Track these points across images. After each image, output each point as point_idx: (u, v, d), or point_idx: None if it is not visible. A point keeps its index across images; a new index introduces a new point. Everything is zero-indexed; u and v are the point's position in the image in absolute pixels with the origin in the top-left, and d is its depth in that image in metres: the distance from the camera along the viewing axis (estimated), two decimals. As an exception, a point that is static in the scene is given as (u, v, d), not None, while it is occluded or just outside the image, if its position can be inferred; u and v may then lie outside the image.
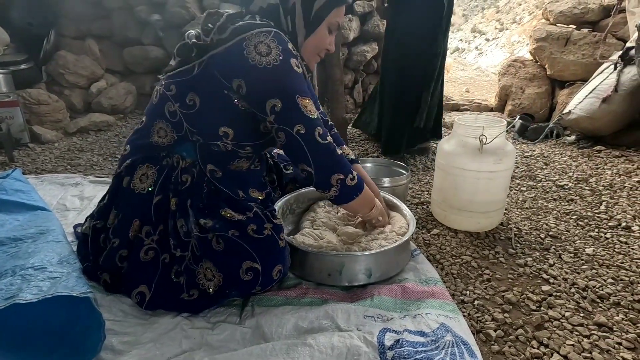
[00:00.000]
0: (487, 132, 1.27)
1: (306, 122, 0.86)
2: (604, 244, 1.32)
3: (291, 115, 0.85)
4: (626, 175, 1.91)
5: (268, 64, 0.82)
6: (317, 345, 0.80)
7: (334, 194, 0.93)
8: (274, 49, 0.83)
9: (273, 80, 0.84)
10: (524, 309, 1.02)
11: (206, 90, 0.89)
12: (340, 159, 0.92)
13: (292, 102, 0.84)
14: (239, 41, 0.84)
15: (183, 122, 0.93)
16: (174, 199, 0.94)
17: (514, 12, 17.37)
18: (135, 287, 0.92)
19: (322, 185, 0.92)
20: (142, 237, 0.94)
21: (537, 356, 0.86)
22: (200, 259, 0.90)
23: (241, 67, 0.84)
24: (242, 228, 0.91)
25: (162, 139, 0.97)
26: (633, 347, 0.89)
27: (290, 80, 0.85)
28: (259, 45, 0.83)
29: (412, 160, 2.26)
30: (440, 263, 1.22)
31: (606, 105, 2.28)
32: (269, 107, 0.84)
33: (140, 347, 0.83)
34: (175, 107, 0.93)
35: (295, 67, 0.86)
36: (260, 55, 0.82)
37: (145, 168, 0.97)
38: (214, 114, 0.91)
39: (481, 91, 5.68)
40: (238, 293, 0.92)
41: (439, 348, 0.82)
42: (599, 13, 2.91)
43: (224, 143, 0.93)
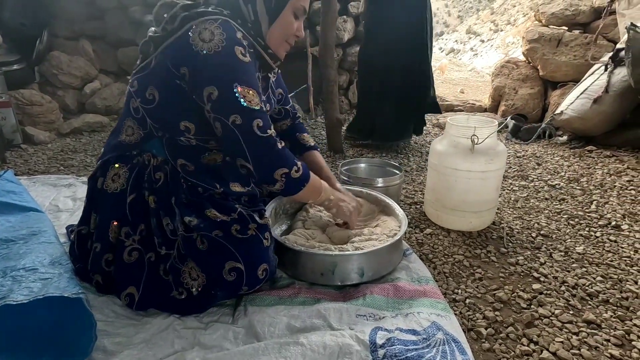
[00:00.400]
0: (479, 133, 1.28)
1: (243, 113, 0.82)
2: (594, 243, 1.34)
3: (227, 105, 0.82)
4: (616, 175, 1.93)
5: (209, 50, 0.81)
6: (309, 344, 0.80)
7: (279, 187, 0.91)
8: (217, 35, 0.81)
9: (212, 67, 0.82)
10: (514, 307, 1.03)
11: (162, 82, 0.88)
12: (282, 152, 0.89)
13: (229, 91, 0.82)
14: (187, 29, 0.83)
15: (146, 118, 0.92)
16: (152, 197, 0.94)
17: (509, 13, 17.50)
18: (123, 289, 0.92)
19: (265, 180, 0.90)
20: (122, 238, 0.94)
21: (527, 353, 0.87)
22: (185, 258, 0.90)
23: (186, 55, 0.82)
24: (226, 228, 0.91)
25: (129, 137, 0.96)
26: (621, 343, 0.90)
27: (230, 68, 0.82)
28: (203, 32, 0.82)
29: (406, 160, 2.27)
30: (433, 262, 1.23)
31: (597, 106, 2.31)
32: (206, 94, 0.82)
33: (132, 347, 0.83)
34: (137, 103, 0.92)
35: (239, 55, 0.83)
36: (203, 42, 0.81)
37: (117, 168, 0.96)
38: (173, 108, 0.89)
39: (476, 92, 5.72)
40: (225, 294, 0.92)
41: (430, 346, 0.83)
42: (589, 15, 2.94)
43: (187, 138, 0.92)
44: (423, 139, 2.75)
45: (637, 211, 1.55)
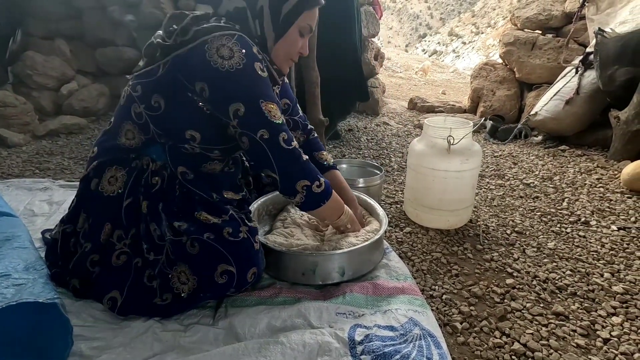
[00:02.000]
0: (455, 133, 1.32)
1: (270, 127, 0.85)
2: (565, 238, 1.40)
3: (254, 120, 0.85)
4: (587, 173, 2.02)
5: (231, 68, 0.82)
6: (289, 342, 0.81)
7: (299, 200, 0.93)
8: (236, 52, 0.83)
9: (235, 84, 0.83)
10: (488, 301, 1.07)
11: (170, 92, 0.88)
12: (306, 166, 0.91)
13: (255, 107, 0.84)
14: (201, 43, 0.83)
15: (149, 124, 0.92)
16: (145, 202, 0.93)
17: (489, 16, 17.91)
18: (107, 293, 0.91)
19: (287, 191, 0.92)
20: (114, 241, 0.93)
21: (499, 345, 0.91)
22: (175, 262, 0.89)
23: (203, 70, 0.83)
24: (218, 231, 0.91)
25: (130, 141, 0.96)
26: (586, 333, 0.95)
27: (253, 84, 0.85)
28: (221, 49, 0.82)
29: (387, 160, 2.31)
30: (412, 260, 1.26)
31: (569, 107, 2.41)
32: (232, 111, 0.84)
33: (110, 351, 0.82)
34: (141, 109, 0.91)
35: (259, 71, 0.86)
36: (223, 59, 0.82)
37: (114, 170, 0.95)
38: (180, 117, 0.90)
39: (457, 93, 5.86)
40: (212, 295, 0.93)
41: (407, 341, 0.85)
42: (562, 19, 3.06)
43: (192, 146, 0.93)
44: (404, 139, 2.80)
45: (605, 208, 1.62)
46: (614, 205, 1.64)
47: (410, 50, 19.31)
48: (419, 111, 3.88)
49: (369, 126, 3.18)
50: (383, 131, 3.04)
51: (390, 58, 9.79)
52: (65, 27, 3.10)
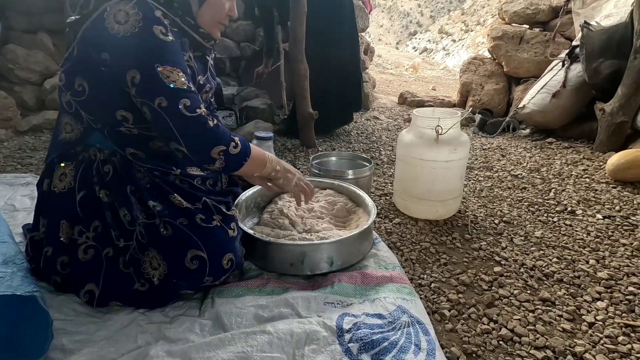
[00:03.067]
0: (443, 123, 1.32)
1: (168, 94, 0.79)
2: (551, 227, 1.41)
3: (151, 87, 0.79)
4: (573, 165, 2.05)
5: (126, 32, 0.78)
6: (276, 332, 0.80)
7: (220, 166, 0.88)
8: (132, 16, 0.78)
9: (130, 49, 0.79)
10: (476, 289, 1.07)
11: (88, 71, 0.84)
12: (215, 130, 0.85)
13: (150, 72, 0.79)
14: (100, 13, 0.80)
15: (80, 112, 0.88)
16: (103, 191, 0.90)
17: (478, 14, 18.09)
18: (82, 287, 0.89)
19: (202, 162, 0.87)
20: (76, 237, 0.90)
21: (487, 331, 0.91)
22: (146, 247, 0.87)
23: (104, 39, 0.79)
24: (191, 217, 0.89)
25: (69, 134, 0.92)
26: (572, 318, 0.96)
27: (149, 48, 0.79)
28: (117, 14, 0.78)
29: (377, 153, 2.31)
30: (401, 250, 1.26)
31: (556, 100, 2.44)
32: (129, 79, 0.80)
33: (92, 345, 0.80)
34: (68, 97, 0.87)
35: (159, 34, 0.80)
36: (119, 24, 0.78)
37: (63, 167, 0.92)
38: (106, 97, 0.86)
39: (447, 89, 5.89)
40: (188, 284, 0.90)
41: (395, 329, 0.85)
42: (548, 14, 3.09)
43: (127, 128, 0.89)
44: (394, 133, 2.81)
45: (591, 197, 1.65)
46: (599, 195, 1.66)
47: (400, 47, 19.44)
48: (409, 106, 3.89)
49: (359, 120, 3.17)
50: (373, 125, 3.04)
51: (381, 55, 9.80)
52: (48, 20, 3.02)
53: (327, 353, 0.77)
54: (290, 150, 2.32)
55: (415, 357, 0.77)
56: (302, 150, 2.32)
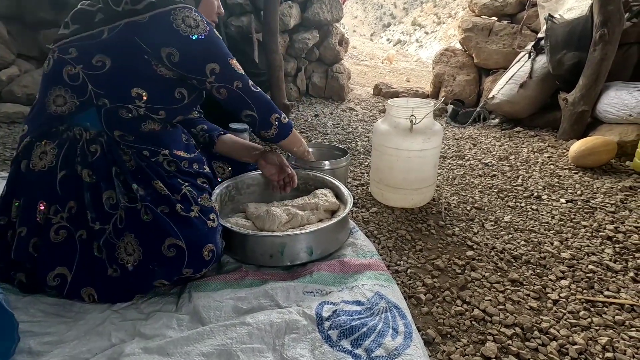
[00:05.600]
0: (417, 113, 1.35)
1: (241, 78, 1.00)
2: (519, 212, 1.48)
3: (229, 75, 0.98)
4: (539, 152, 2.14)
5: (200, 35, 0.92)
6: (255, 323, 0.80)
7: (274, 131, 1.08)
8: (200, 22, 0.92)
9: (207, 48, 0.94)
10: (450, 273, 1.11)
11: (120, 52, 0.90)
12: (272, 103, 1.08)
13: (227, 64, 0.97)
14: (164, 14, 0.89)
15: (87, 85, 0.90)
16: (86, 171, 0.90)
17: (450, 7, 18.41)
18: (51, 270, 0.85)
19: (264, 125, 1.06)
20: (51, 216, 0.88)
21: (461, 313, 0.95)
22: (122, 232, 0.86)
23: (172, 38, 0.90)
24: (171, 205, 0.91)
25: (60, 107, 0.91)
26: (538, 296, 1.01)
27: (221, 46, 0.97)
28: (186, 19, 0.91)
29: (353, 144, 2.33)
30: (378, 238, 1.28)
31: (523, 91, 2.53)
32: (209, 70, 0.95)
33: (63, 346, 0.77)
34: (77, 69, 0.89)
35: (218, 36, 0.97)
36: (191, 28, 0.91)
37: (44, 145, 0.91)
38: (127, 75, 0.91)
39: (420, 80, 5.99)
40: (165, 272, 0.87)
41: (373, 314, 0.87)
42: (516, 6, 3.19)
43: (136, 106, 0.93)
44: (370, 124, 2.83)
45: (555, 183, 1.73)
46: (562, 181, 1.75)
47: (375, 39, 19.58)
48: (383, 97, 3.93)
49: (335, 112, 3.18)
50: (349, 116, 3.05)
51: (356, 47, 9.81)
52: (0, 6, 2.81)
53: (307, 341, 0.78)
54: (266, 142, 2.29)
55: (393, 340, 0.79)
56: (279, 142, 2.30)
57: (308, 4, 3.43)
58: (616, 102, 2.08)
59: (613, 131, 2.06)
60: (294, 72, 3.55)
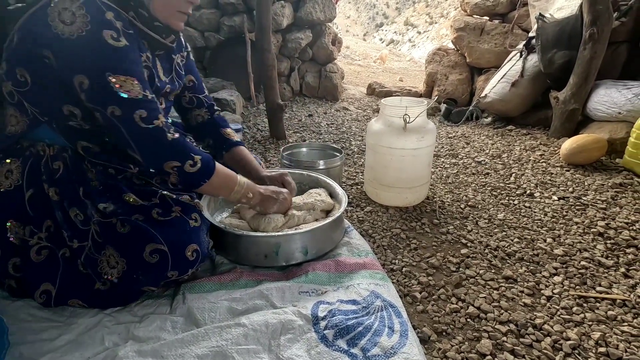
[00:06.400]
0: (410, 112, 1.35)
1: (122, 104, 0.77)
2: (512, 210, 1.49)
3: (102, 95, 0.76)
4: (531, 150, 2.16)
5: (71, 35, 0.72)
6: (250, 324, 0.80)
7: (175, 181, 0.86)
8: (79, 17, 0.72)
9: (77, 54, 0.74)
10: (445, 271, 1.11)
11: (29, 62, 0.78)
12: (171, 144, 0.82)
13: (101, 80, 0.75)
14: (43, 6, 0.74)
15: (23, 103, 0.82)
16: (52, 189, 0.85)
17: (442, 6, 18.54)
18: (37, 288, 0.83)
19: (157, 173, 0.85)
20: (27, 238, 0.84)
21: (456, 310, 0.95)
22: (103, 246, 0.83)
23: (46, 37, 0.73)
24: (147, 212, 0.86)
25: (14, 127, 0.85)
26: (532, 293, 1.02)
27: (98, 55, 0.74)
28: (62, 13, 0.72)
29: (347, 143, 2.33)
30: (373, 237, 1.28)
31: (515, 89, 2.56)
32: (77, 83, 0.76)
33: (55, 350, 0.76)
34: (10, 87, 0.81)
35: (109, 40, 0.75)
36: (64, 24, 0.72)
37: (8, 163, 0.86)
38: (50, 91, 0.80)
39: (414, 80, 6.02)
40: (149, 279, 0.85)
41: (369, 313, 0.87)
42: (507, 5, 3.22)
43: (78, 123, 0.84)
44: (364, 124, 2.83)
45: (547, 180, 1.75)
46: (554, 178, 1.77)
47: (368, 39, 19.68)
48: (377, 96, 3.94)
49: (329, 111, 3.18)
50: (343, 116, 3.05)
51: (349, 46, 9.83)
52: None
53: (303, 341, 0.78)
54: (260, 142, 2.28)
55: (389, 339, 0.79)
56: (273, 142, 2.30)
57: (301, 3, 3.43)
58: (606, 100, 2.11)
59: (603, 129, 2.08)
60: (288, 71, 3.55)
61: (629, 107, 2.00)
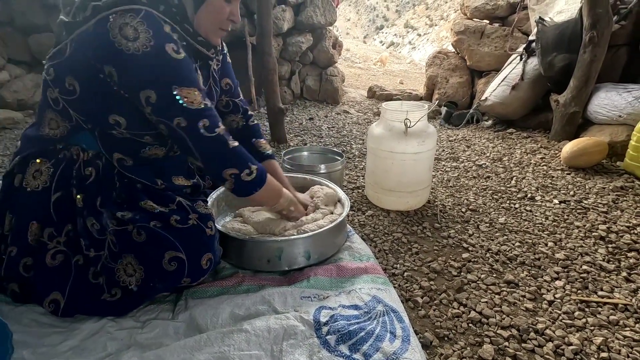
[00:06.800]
0: (411, 116, 1.36)
1: (187, 115, 0.79)
2: (514, 213, 1.50)
3: (168, 108, 0.78)
4: (532, 154, 2.17)
5: (137, 50, 0.74)
6: (253, 330, 0.80)
7: (229, 187, 0.90)
8: (142, 32, 0.74)
9: (143, 69, 0.76)
10: (447, 275, 1.11)
11: (82, 73, 0.80)
12: (233, 153, 0.86)
13: (167, 94, 0.77)
14: (102, 20, 0.74)
15: (68, 110, 0.84)
16: (80, 195, 0.86)
17: (441, 9, 18.59)
18: (46, 296, 0.83)
19: (214, 178, 0.89)
20: (45, 240, 0.85)
21: (457, 315, 0.96)
22: (120, 255, 0.84)
23: (109, 53, 0.75)
24: (165, 219, 0.87)
25: (54, 131, 0.87)
26: (534, 297, 1.02)
27: (164, 69, 0.77)
28: (124, 28, 0.73)
29: (348, 147, 2.33)
30: (374, 241, 1.28)
31: (515, 92, 2.56)
32: (144, 98, 0.77)
33: (57, 356, 0.76)
34: (56, 93, 0.83)
35: (171, 53, 0.77)
36: (127, 40, 0.73)
37: (39, 163, 0.87)
38: (98, 101, 0.82)
39: (414, 82, 6.03)
40: (165, 286, 0.88)
41: (371, 318, 0.87)
42: (507, 9, 3.23)
43: (120, 132, 0.85)
44: (364, 127, 2.84)
45: (548, 184, 1.75)
46: (555, 182, 1.77)
47: (368, 41, 19.75)
48: (377, 99, 3.95)
49: (330, 115, 3.19)
50: (344, 119, 3.06)
51: (350, 49, 9.85)
52: (-10, 10, 2.78)
53: (305, 347, 0.78)
54: (261, 146, 2.29)
55: (391, 344, 0.79)
56: (273, 145, 2.30)
57: (301, 7, 3.44)
58: (606, 103, 2.11)
59: (604, 132, 2.09)
60: (288, 75, 3.56)
61: (629, 110, 2.00)
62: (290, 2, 3.33)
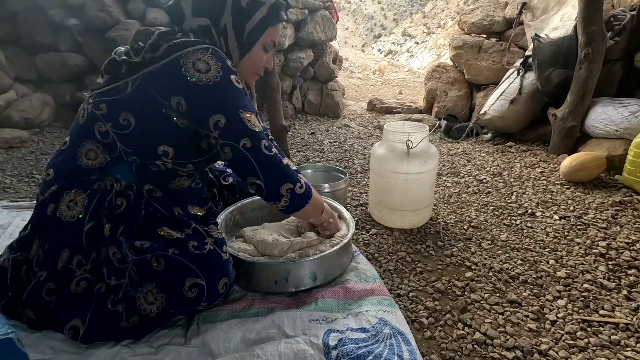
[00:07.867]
0: (413, 137, 1.39)
1: (251, 136, 0.88)
2: (515, 230, 1.52)
3: (236, 130, 0.87)
4: (531, 168, 2.20)
5: (208, 81, 0.84)
6: (264, 354, 0.82)
7: (285, 204, 0.95)
8: (212, 65, 0.85)
9: (215, 96, 0.85)
10: (450, 295, 1.14)
11: (142, 109, 0.87)
12: (287, 169, 0.94)
13: (235, 117, 0.86)
14: (175, 59, 0.84)
15: (117, 143, 0.90)
16: (108, 225, 0.90)
17: (439, 17, 18.81)
18: (67, 322, 0.86)
19: (272, 197, 0.94)
20: (73, 267, 0.88)
21: (462, 336, 0.98)
22: (140, 283, 0.86)
23: (180, 85, 0.84)
24: (183, 245, 0.90)
25: (92, 161, 0.92)
26: (537, 317, 1.04)
27: (232, 95, 0.87)
28: (197, 63, 0.84)
29: (350, 162, 2.37)
30: (379, 261, 1.31)
31: (513, 106, 2.61)
32: (213, 123, 0.86)
33: (75, 383, 0.78)
34: (107, 127, 0.89)
35: (235, 83, 0.88)
36: (200, 72, 0.83)
37: (74, 194, 0.90)
38: (152, 133, 0.89)
39: (413, 92, 6.10)
40: (182, 311, 0.90)
41: (378, 341, 0.89)
42: (503, 24, 3.30)
43: (164, 162, 0.91)
44: (366, 141, 2.88)
45: (548, 199, 1.78)
46: (555, 197, 1.80)
47: (366, 50, 19.98)
48: (378, 112, 4.00)
49: (331, 129, 3.23)
50: (345, 133, 3.10)
51: (348, 58, 9.97)
52: (-2, 31, 2.84)
53: (315, 372, 0.80)
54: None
55: (399, 368, 0.81)
56: (277, 161, 2.34)
57: (302, 24, 3.51)
58: (603, 117, 2.16)
59: (601, 146, 2.12)
60: (290, 90, 3.62)
61: (625, 125, 2.05)
62: (291, 20, 3.40)
